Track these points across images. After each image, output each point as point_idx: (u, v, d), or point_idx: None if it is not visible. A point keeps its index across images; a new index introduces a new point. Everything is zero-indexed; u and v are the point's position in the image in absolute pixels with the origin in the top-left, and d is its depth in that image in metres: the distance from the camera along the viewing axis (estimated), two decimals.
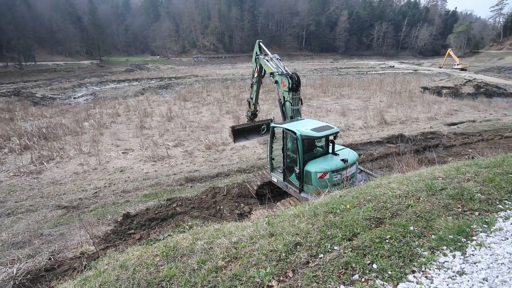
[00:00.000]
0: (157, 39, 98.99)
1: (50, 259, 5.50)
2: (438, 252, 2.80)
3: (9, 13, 58.23)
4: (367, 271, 2.61)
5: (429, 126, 16.06)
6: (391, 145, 13.02)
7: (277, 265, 2.83)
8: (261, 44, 8.73)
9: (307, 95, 25.64)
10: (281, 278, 2.67)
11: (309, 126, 6.50)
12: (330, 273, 2.63)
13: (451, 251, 2.81)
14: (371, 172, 7.92)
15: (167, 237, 4.62)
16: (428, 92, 28.14)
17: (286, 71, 7.59)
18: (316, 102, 23.33)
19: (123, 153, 12.57)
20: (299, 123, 6.80)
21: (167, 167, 10.97)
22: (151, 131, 15.88)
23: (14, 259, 5.53)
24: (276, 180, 7.58)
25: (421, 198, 3.90)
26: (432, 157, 9.86)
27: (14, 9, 60.58)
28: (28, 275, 5.01)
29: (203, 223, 6.41)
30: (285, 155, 6.97)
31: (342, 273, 2.63)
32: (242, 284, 2.64)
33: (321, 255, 2.90)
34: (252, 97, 9.69)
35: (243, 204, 7.97)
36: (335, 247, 2.99)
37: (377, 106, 20.89)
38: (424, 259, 2.70)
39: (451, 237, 2.99)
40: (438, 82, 33.08)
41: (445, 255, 2.76)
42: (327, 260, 2.80)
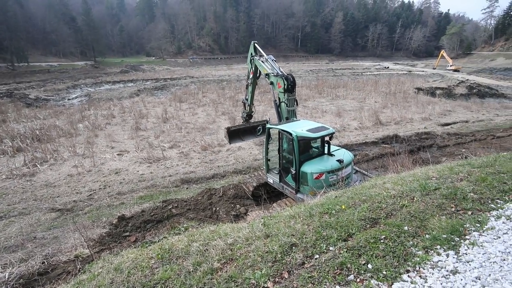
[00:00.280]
0: (152, 40, 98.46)
1: (43, 262, 5.43)
2: (432, 252, 2.83)
3: (0, 13, 57.33)
4: (362, 271, 2.62)
5: (423, 126, 16.24)
6: (386, 145, 13.14)
7: (272, 266, 2.83)
8: (256, 45, 8.75)
9: (303, 96, 25.75)
10: (277, 279, 2.67)
11: (304, 127, 6.53)
12: (326, 274, 2.64)
13: (444, 250, 2.84)
14: (366, 172, 7.98)
15: (162, 239, 4.58)
16: (422, 93, 28.47)
17: (282, 72, 7.62)
18: (311, 103, 23.43)
19: (118, 154, 12.46)
20: (295, 124, 6.82)
21: (163, 169, 10.91)
22: (146, 133, 15.79)
23: (6, 263, 5.43)
24: (272, 181, 7.59)
25: (415, 198, 3.93)
26: (426, 157, 9.96)
27: (6, 9, 59.56)
28: (21, 280, 4.94)
29: (198, 224, 6.38)
30: (281, 156, 6.98)
31: (337, 273, 2.64)
32: (237, 285, 2.64)
33: (317, 256, 2.91)
34: (248, 98, 9.70)
35: (239, 205, 7.96)
36: (330, 248, 3.01)
37: (372, 107, 21.06)
38: (418, 259, 2.73)
39: (445, 236, 3.02)
40: (432, 83, 33.47)
41: (438, 254, 2.79)
42: (323, 261, 2.80)
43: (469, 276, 2.48)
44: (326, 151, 6.92)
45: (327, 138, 6.84)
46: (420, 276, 2.53)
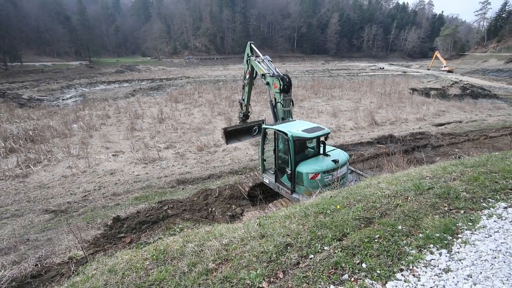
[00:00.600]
0: (148, 40, 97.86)
1: (36, 265, 5.36)
2: (425, 250, 2.86)
3: None
4: (357, 271, 2.64)
5: (418, 126, 16.40)
6: (381, 145, 13.24)
7: (267, 266, 2.83)
8: (252, 45, 8.77)
9: (299, 96, 25.83)
10: (272, 279, 2.67)
11: (300, 127, 6.55)
12: (320, 274, 2.65)
13: (437, 249, 2.87)
14: (361, 172, 8.03)
15: (157, 240, 4.56)
16: (416, 94, 28.78)
17: (277, 72, 7.64)
18: (307, 103, 23.51)
19: (113, 155, 12.36)
20: (291, 125, 6.84)
21: (158, 169, 10.86)
22: (142, 133, 15.69)
23: None
24: (268, 181, 7.59)
25: (409, 198, 3.97)
26: (421, 157, 10.07)
27: None
28: (13, 283, 4.87)
29: (194, 225, 6.36)
30: (276, 156, 6.99)
31: (332, 273, 2.65)
32: (232, 286, 2.64)
33: (312, 256, 2.92)
34: (244, 98, 9.71)
35: (235, 206, 7.95)
36: (325, 248, 3.02)
37: (367, 107, 21.21)
38: (411, 258, 2.75)
39: (438, 235, 3.06)
40: (426, 83, 33.85)
41: (431, 253, 2.82)
42: (317, 261, 2.82)
43: (461, 274, 2.51)
44: (321, 151, 6.95)
45: (322, 138, 6.87)
46: (413, 275, 2.55)
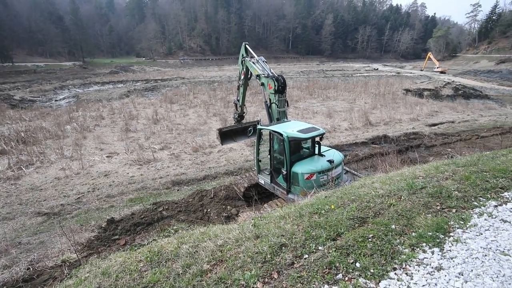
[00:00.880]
0: (142, 40, 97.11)
1: (28, 268, 5.27)
2: (418, 249, 2.90)
3: None
4: (351, 270, 2.66)
5: (411, 127, 16.59)
6: (375, 145, 13.35)
7: (262, 267, 2.84)
8: (247, 46, 8.79)
9: (294, 97, 25.92)
10: (266, 280, 2.67)
11: (295, 127, 6.58)
12: (315, 273, 2.66)
13: (430, 248, 2.91)
14: (356, 172, 8.09)
15: (151, 242, 4.53)
16: (410, 94, 29.14)
17: (272, 73, 7.66)
18: (302, 104, 23.61)
19: (107, 156, 12.24)
20: (286, 125, 6.86)
21: (153, 171, 10.78)
22: (136, 134, 15.56)
23: None
24: (263, 182, 7.60)
25: (402, 197, 4.01)
26: (414, 157, 10.18)
27: None
28: (4, 287, 4.78)
29: (189, 226, 6.33)
30: (272, 157, 7.00)
31: (326, 272, 2.67)
32: (227, 287, 2.63)
33: (306, 256, 2.93)
34: (239, 99, 9.72)
35: (230, 207, 7.93)
36: (319, 247, 3.04)
37: (362, 108, 21.38)
38: (404, 256, 2.79)
39: (430, 234, 3.10)
40: (420, 84, 34.28)
41: (424, 251, 2.86)
42: (312, 261, 2.83)
43: (453, 272, 2.55)
44: (316, 152, 6.98)
45: (317, 139, 6.90)
46: (406, 274, 2.58)
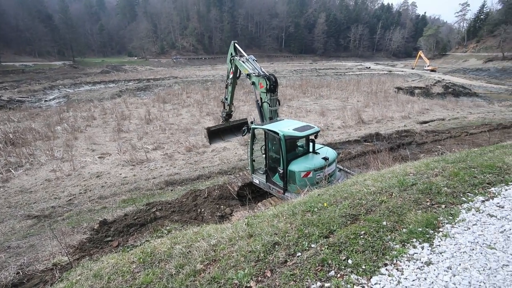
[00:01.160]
0: (134, 39, 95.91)
1: (18, 273, 5.18)
2: (408, 245, 2.95)
3: None
4: (343, 267, 2.70)
5: (403, 124, 16.83)
6: (368, 143, 13.51)
7: (255, 265, 2.85)
8: (236, 45, 8.72)
9: (287, 95, 25.98)
10: (259, 279, 2.69)
11: (290, 126, 6.60)
12: (307, 271, 2.69)
13: (420, 243, 2.96)
14: (349, 170, 8.17)
15: (144, 243, 4.49)
16: (402, 92, 29.54)
17: (263, 72, 7.65)
18: (296, 102, 23.68)
19: (99, 157, 12.07)
20: (280, 124, 6.88)
21: (146, 171, 10.68)
22: (129, 134, 15.38)
23: None
24: (258, 182, 7.60)
25: (393, 194, 4.08)
26: (406, 154, 10.34)
27: None
28: None
29: (182, 226, 6.30)
30: (267, 156, 7.01)
31: (318, 270, 2.69)
32: (220, 286, 2.64)
33: (299, 254, 2.95)
34: (227, 97, 9.69)
35: (224, 206, 7.92)
36: (312, 245, 3.06)
37: (354, 106, 21.58)
38: (395, 252, 2.84)
39: (420, 229, 3.16)
40: (411, 82, 34.78)
41: (414, 247, 2.91)
42: (304, 258, 2.85)
43: (442, 267, 2.61)
44: (311, 149, 7.03)
45: (312, 137, 6.95)
46: (397, 269, 2.63)
